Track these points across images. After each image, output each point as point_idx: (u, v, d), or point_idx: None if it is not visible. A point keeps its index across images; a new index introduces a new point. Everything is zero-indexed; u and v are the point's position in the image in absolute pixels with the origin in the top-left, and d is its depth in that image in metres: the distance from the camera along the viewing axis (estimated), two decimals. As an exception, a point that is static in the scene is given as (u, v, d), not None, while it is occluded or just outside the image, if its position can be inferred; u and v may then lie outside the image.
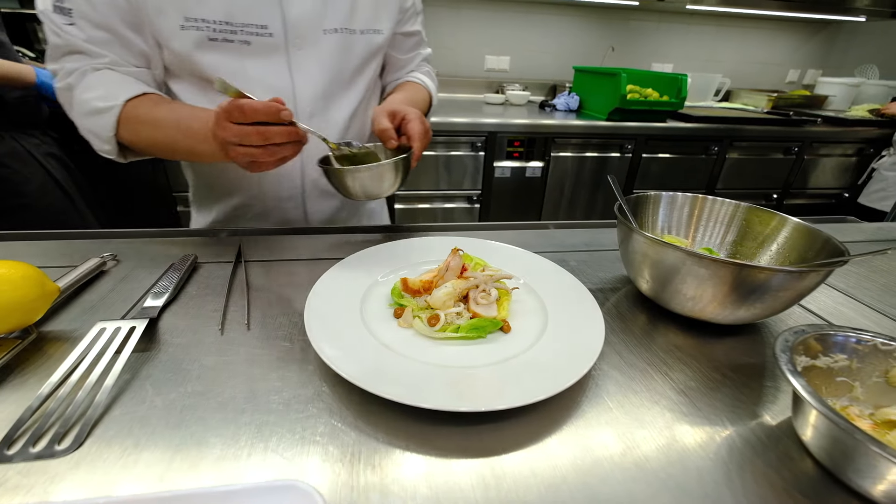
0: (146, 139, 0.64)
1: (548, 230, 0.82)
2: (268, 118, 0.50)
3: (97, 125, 0.64)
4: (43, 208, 1.42)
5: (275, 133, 0.52)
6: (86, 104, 0.63)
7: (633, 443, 0.37)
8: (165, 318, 0.50)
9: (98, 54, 0.64)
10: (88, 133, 0.66)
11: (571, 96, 2.34)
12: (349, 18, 0.75)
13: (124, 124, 0.64)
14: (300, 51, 0.72)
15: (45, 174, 1.43)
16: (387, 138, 0.67)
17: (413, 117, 0.68)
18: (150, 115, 0.63)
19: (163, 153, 0.68)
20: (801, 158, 2.40)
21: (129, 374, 0.41)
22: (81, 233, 0.70)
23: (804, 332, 0.39)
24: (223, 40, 0.66)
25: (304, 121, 0.75)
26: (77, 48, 0.63)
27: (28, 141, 1.40)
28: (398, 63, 0.92)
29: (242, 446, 0.35)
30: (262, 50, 0.69)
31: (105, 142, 0.65)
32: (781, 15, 2.68)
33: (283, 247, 0.69)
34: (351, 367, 0.40)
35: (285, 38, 0.70)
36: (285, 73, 0.72)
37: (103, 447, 0.34)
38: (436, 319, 0.47)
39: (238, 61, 0.68)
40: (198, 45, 0.66)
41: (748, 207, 0.62)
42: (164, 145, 0.64)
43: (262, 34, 0.68)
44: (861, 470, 0.31)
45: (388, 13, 0.80)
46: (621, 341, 0.50)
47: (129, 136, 0.65)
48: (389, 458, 0.35)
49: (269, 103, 0.50)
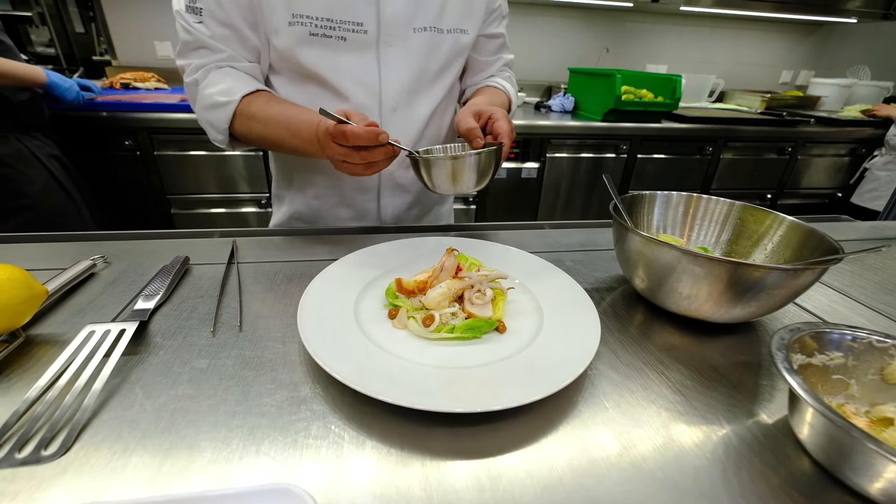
0: (257, 134, 0.70)
1: (543, 230, 0.82)
2: (368, 143, 0.56)
3: (216, 117, 0.70)
4: (45, 209, 1.42)
5: (375, 154, 0.58)
6: (208, 98, 0.70)
7: (630, 443, 0.37)
8: (156, 321, 0.49)
9: (219, 49, 0.70)
10: (206, 124, 0.73)
11: (567, 97, 2.34)
12: (439, 18, 0.77)
13: (239, 118, 0.70)
14: (390, 47, 0.75)
15: (48, 175, 1.43)
16: (473, 137, 0.68)
17: (499, 116, 0.70)
18: (262, 112, 0.69)
19: (270, 147, 0.75)
20: (795, 159, 2.41)
21: (119, 377, 0.41)
22: (71, 235, 0.70)
23: (800, 329, 0.39)
24: (322, 35, 0.70)
25: (386, 115, 0.80)
26: (202, 44, 0.70)
27: (31, 142, 1.40)
28: (479, 66, 0.92)
29: (234, 450, 0.34)
30: (355, 46, 0.73)
31: (220, 132, 0.72)
32: (774, 16, 2.70)
33: (277, 247, 0.69)
34: (344, 368, 0.39)
35: (378, 35, 0.74)
36: (374, 68, 0.76)
37: (91, 452, 0.33)
38: (430, 320, 0.47)
39: (333, 56, 0.73)
40: (300, 41, 0.70)
41: (743, 206, 0.62)
42: (273, 141, 0.70)
43: (357, 31, 0.72)
44: (858, 468, 0.31)
45: (476, 13, 0.82)
46: (617, 341, 0.50)
47: (242, 130, 0.71)
48: (383, 461, 0.34)
49: (369, 130, 0.55)
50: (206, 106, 0.71)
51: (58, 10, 2.17)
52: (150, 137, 1.78)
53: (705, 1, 2.36)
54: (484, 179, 0.66)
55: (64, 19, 2.20)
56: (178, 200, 1.92)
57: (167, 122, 1.75)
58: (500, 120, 0.69)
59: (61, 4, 2.16)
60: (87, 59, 2.27)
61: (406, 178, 0.88)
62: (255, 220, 2.00)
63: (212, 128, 0.72)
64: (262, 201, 1.97)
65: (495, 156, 0.66)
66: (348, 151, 0.58)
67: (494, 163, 0.67)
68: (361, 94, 0.76)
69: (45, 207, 1.42)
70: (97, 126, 1.72)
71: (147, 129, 1.76)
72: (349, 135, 0.55)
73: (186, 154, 1.83)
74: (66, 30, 2.21)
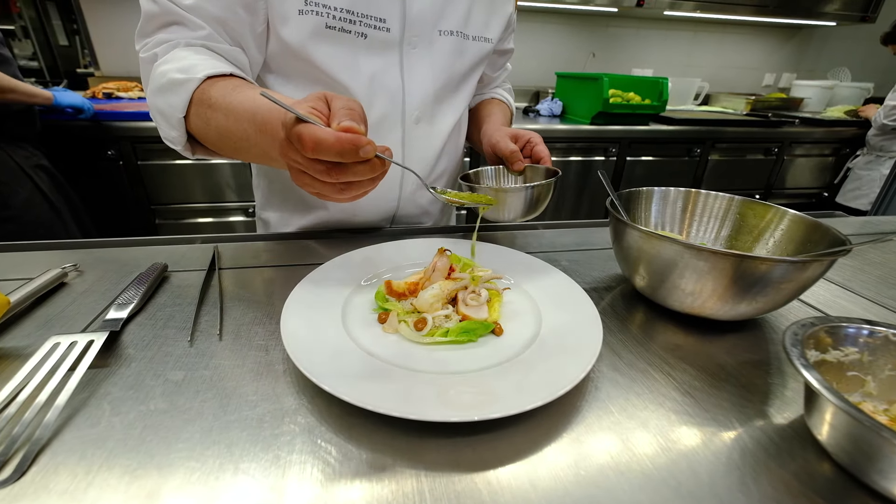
0: (216, 129, 0.53)
1: (537, 230, 0.80)
2: (341, 159, 0.37)
3: (168, 103, 0.54)
4: (29, 221, 1.41)
5: (351, 171, 0.38)
6: (162, 76, 0.54)
7: (639, 449, 0.34)
8: (130, 331, 0.46)
9: (196, 26, 0.57)
10: (157, 114, 0.57)
11: (555, 102, 2.34)
12: (464, 22, 0.72)
13: (196, 107, 0.53)
14: (414, 49, 0.69)
15: (34, 187, 1.42)
16: (515, 160, 0.69)
17: (538, 140, 0.70)
18: (225, 99, 0.51)
19: (234, 151, 0.56)
20: (781, 159, 2.43)
21: (86, 392, 0.37)
22: (42, 244, 0.66)
23: (813, 324, 0.37)
24: (340, 29, 0.62)
25: (409, 126, 0.73)
26: (175, 18, 0.57)
27: (17, 153, 1.39)
28: (487, 80, 0.92)
29: (209, 469, 0.31)
30: (377, 45, 0.66)
31: (172, 125, 0.55)
32: (755, 20, 2.74)
33: (261, 252, 0.66)
34: (331, 377, 0.36)
35: (402, 35, 0.67)
36: (397, 72, 0.69)
37: (50, 475, 0.30)
38: (423, 323, 0.44)
39: (351, 55, 0.64)
40: (314, 33, 0.61)
41: (742, 201, 0.60)
42: (236, 139, 0.52)
43: (380, 28, 0.64)
44: (886, 470, 0.29)
45: (498, 23, 0.78)
46: (619, 341, 0.48)
47: (199, 124, 0.54)
48: (375, 476, 0.31)
49: (342, 139, 0.36)
50: (158, 87, 0.54)
51: (41, 24, 2.13)
52: (134, 147, 1.73)
53: (688, 5, 2.39)
54: (541, 208, 0.67)
55: (47, 32, 2.16)
56: (163, 210, 1.88)
57: (151, 132, 1.71)
58: (539, 144, 0.70)
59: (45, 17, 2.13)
60: (70, 71, 2.23)
61: (427, 198, 0.82)
62: (243, 230, 1.96)
63: (163, 119, 0.56)
64: (250, 210, 1.94)
65: (556, 184, 0.66)
66: (310, 164, 0.38)
67: (551, 191, 0.67)
68: (383, 102, 0.69)
69: (30, 219, 1.41)
70: (79, 136, 1.67)
71: (130, 139, 1.72)
72: (308, 142, 0.36)
73: (171, 163, 1.79)
74: (49, 43, 2.17)
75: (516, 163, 0.69)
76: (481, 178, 0.75)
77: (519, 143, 0.71)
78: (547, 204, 0.67)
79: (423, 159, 0.77)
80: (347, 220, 0.78)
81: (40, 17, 2.09)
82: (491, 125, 0.78)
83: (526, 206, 0.65)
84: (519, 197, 0.64)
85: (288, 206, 0.79)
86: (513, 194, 0.63)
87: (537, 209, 0.66)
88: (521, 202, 0.64)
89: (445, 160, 0.82)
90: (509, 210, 0.65)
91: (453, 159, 0.85)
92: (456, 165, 0.87)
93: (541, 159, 0.70)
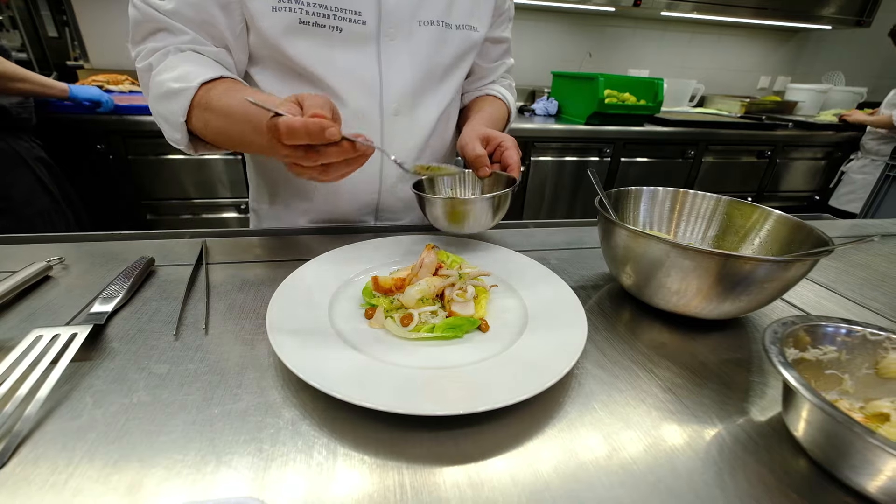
0: (215, 129, 0.58)
1: (528, 229, 0.80)
2: (310, 140, 0.42)
3: (169, 109, 0.58)
4: (29, 213, 1.39)
5: (323, 153, 0.44)
6: (161, 86, 0.58)
7: (620, 444, 0.35)
8: (115, 324, 0.46)
9: (180, 31, 0.59)
10: (160, 119, 0.61)
11: (550, 101, 2.35)
12: (447, 11, 0.70)
13: (196, 110, 0.57)
14: (392, 41, 0.67)
15: (34, 178, 1.40)
16: (480, 165, 0.63)
17: (510, 145, 0.65)
18: (221, 102, 0.56)
19: (234, 146, 0.61)
20: (774, 162, 2.45)
21: (69, 385, 0.37)
22: (27, 237, 0.65)
23: (793, 323, 0.38)
24: (314, 24, 0.62)
25: (388, 119, 0.71)
26: (160, 25, 0.59)
27: (19, 144, 1.37)
28: (481, 71, 0.87)
29: (192, 462, 0.31)
30: (352, 38, 0.65)
31: (175, 129, 0.59)
32: (752, 22, 2.75)
33: (250, 248, 0.65)
34: (315, 371, 0.36)
35: (378, 27, 0.66)
36: (374, 65, 0.68)
37: (30, 466, 0.30)
38: (409, 319, 0.44)
39: (327, 49, 0.64)
40: (287, 29, 0.61)
41: (730, 201, 0.61)
42: (235, 138, 0.57)
43: (355, 21, 0.64)
44: (857, 466, 0.30)
45: (486, 10, 0.76)
46: (605, 339, 0.48)
47: (200, 125, 0.59)
48: (357, 469, 0.31)
49: (309, 122, 0.41)
50: (158, 95, 0.59)
51: (30, 15, 2.10)
52: (125, 141, 1.72)
53: (685, 6, 2.40)
54: (493, 221, 0.62)
55: (36, 24, 2.13)
56: (155, 206, 1.87)
57: (141, 125, 1.70)
58: (509, 150, 0.64)
59: (33, 8, 2.09)
60: (60, 63, 2.20)
61: (407, 192, 0.80)
62: (235, 226, 1.95)
63: (166, 123, 0.60)
64: (242, 206, 1.93)
65: (510, 197, 0.61)
66: (290, 150, 0.44)
67: (508, 203, 0.62)
68: (359, 95, 0.68)
69: (30, 212, 1.39)
70: (68, 129, 1.66)
71: (121, 133, 1.70)
72: (282, 129, 0.41)
73: (162, 158, 1.78)
74: (38, 34, 2.14)
75: (481, 168, 0.64)
76: (438, 184, 0.71)
77: (490, 147, 0.66)
78: (501, 215, 0.63)
79: (403, 152, 0.75)
80: (330, 212, 0.78)
81: (28, 7, 2.06)
82: (469, 124, 0.73)
83: (475, 218, 0.60)
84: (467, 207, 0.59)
85: (276, 199, 0.80)
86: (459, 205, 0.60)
87: (491, 220, 0.62)
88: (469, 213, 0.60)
89: (429, 155, 0.80)
90: (456, 221, 0.61)
91: (438, 153, 0.82)
92: (443, 161, 0.84)
93: (508, 166, 0.64)
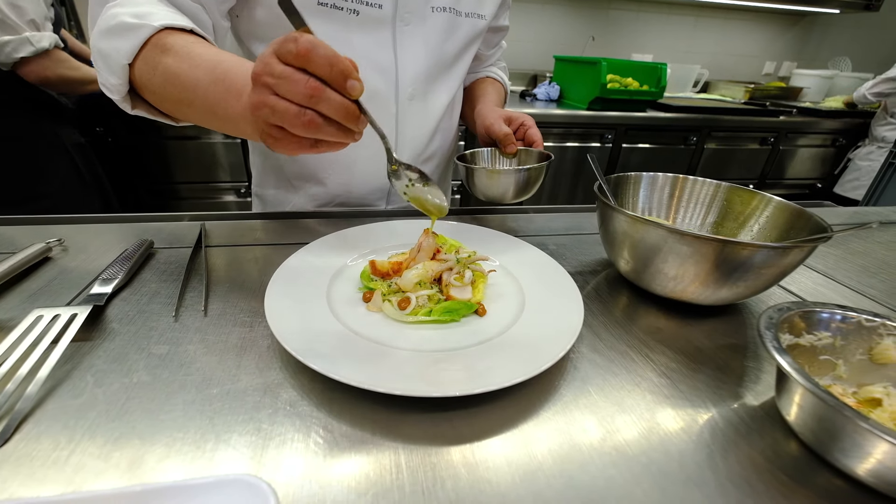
0: (163, 75, 0.48)
1: (527, 215, 0.80)
2: (330, 77, 0.34)
3: (114, 47, 0.48)
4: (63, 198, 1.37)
5: (327, 99, 0.35)
6: (112, 18, 0.49)
7: (614, 427, 0.35)
8: (114, 306, 0.46)
9: None
10: (99, 59, 0.51)
11: (552, 86, 2.32)
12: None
13: (149, 50, 0.48)
14: (407, 26, 0.68)
15: (71, 164, 1.39)
16: (508, 142, 0.70)
17: (531, 123, 0.71)
18: (185, 49, 0.47)
19: (176, 104, 0.50)
20: (777, 149, 2.43)
21: (69, 364, 0.38)
22: (26, 219, 0.65)
23: (788, 309, 0.38)
24: (332, 6, 0.62)
25: (403, 104, 0.73)
26: None
27: (63, 130, 1.37)
28: (480, 58, 0.91)
29: (191, 440, 0.32)
30: (369, 23, 0.65)
31: (114, 72, 0.49)
32: (759, 6, 2.70)
33: (249, 231, 0.65)
34: (314, 353, 0.37)
35: (394, 12, 0.66)
36: (390, 49, 0.69)
37: (32, 443, 0.30)
38: (406, 302, 0.45)
39: (344, 33, 0.65)
40: (305, 11, 0.57)
41: (729, 187, 0.61)
42: (182, 87, 0.47)
43: (372, 4, 0.64)
44: (847, 449, 0.30)
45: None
46: (601, 324, 0.49)
47: (145, 71, 0.49)
48: (354, 449, 0.32)
49: (341, 57, 0.34)
50: (106, 29, 0.49)
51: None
52: (124, 124, 1.71)
53: (690, -11, 2.36)
54: (532, 190, 0.69)
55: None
56: (154, 189, 1.86)
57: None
58: (532, 128, 0.71)
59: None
60: (56, 43, 2.17)
61: None
62: (235, 209, 1.95)
63: (104, 64, 0.50)
64: (242, 190, 1.92)
65: (546, 168, 0.68)
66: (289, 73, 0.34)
67: (543, 175, 0.68)
68: (376, 79, 0.69)
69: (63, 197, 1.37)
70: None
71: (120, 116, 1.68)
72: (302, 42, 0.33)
73: (161, 141, 1.77)
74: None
75: (510, 145, 0.70)
76: (477, 158, 0.76)
77: (512, 126, 0.71)
78: (538, 187, 0.68)
79: (416, 137, 0.77)
80: (343, 195, 0.78)
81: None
82: (485, 105, 0.78)
83: (518, 189, 0.67)
84: (512, 179, 0.66)
85: (283, 183, 0.80)
86: (507, 176, 0.66)
87: (529, 192, 0.68)
88: (514, 184, 0.66)
89: (440, 138, 0.82)
90: (503, 191, 0.67)
91: (447, 138, 0.85)
92: (450, 145, 0.87)
93: (533, 142, 0.71)
